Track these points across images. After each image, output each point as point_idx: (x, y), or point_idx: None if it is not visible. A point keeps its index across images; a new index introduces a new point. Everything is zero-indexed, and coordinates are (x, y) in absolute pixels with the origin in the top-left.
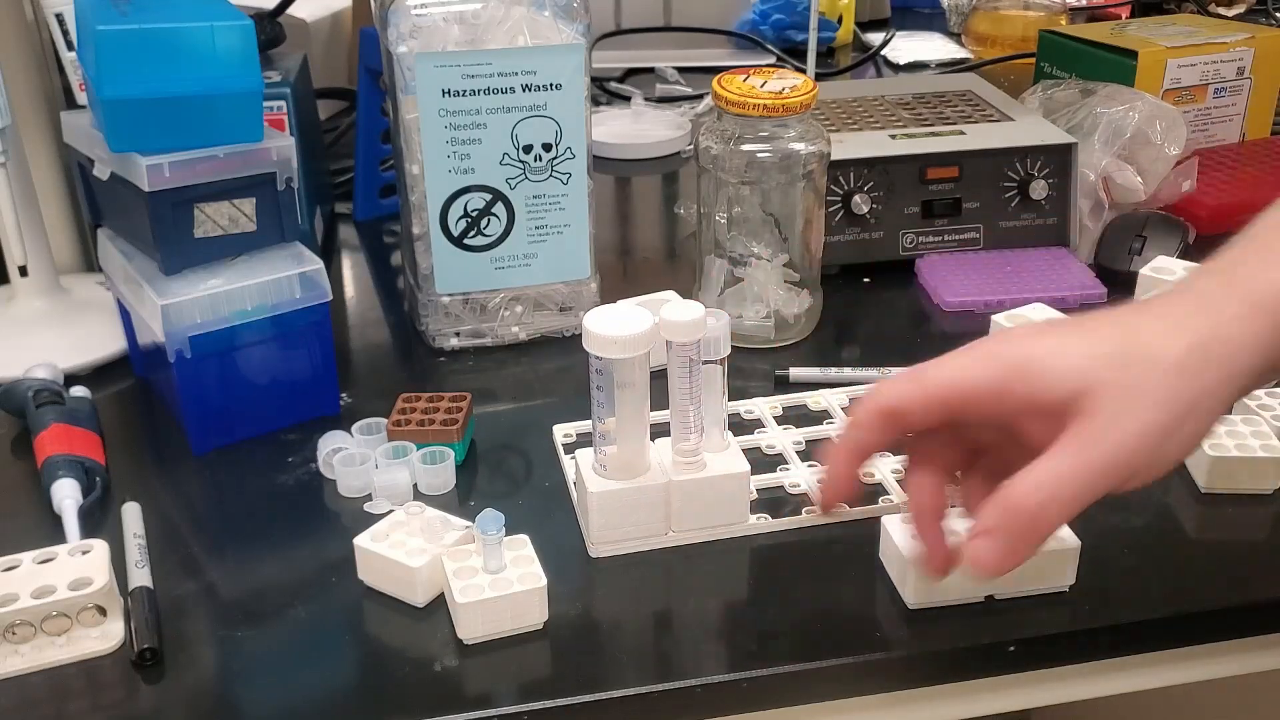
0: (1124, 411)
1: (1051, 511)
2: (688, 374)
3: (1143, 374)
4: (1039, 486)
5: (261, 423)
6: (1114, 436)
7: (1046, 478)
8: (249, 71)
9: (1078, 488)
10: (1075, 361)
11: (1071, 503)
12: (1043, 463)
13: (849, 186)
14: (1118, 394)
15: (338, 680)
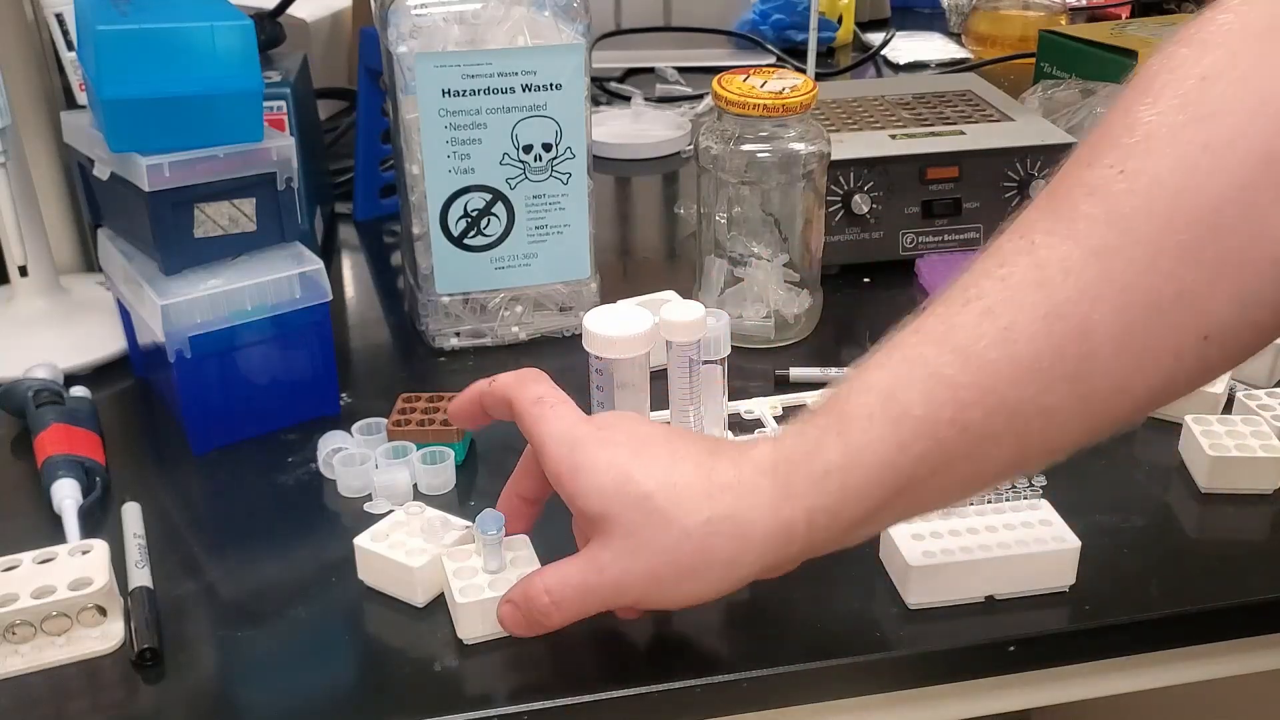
0: (629, 553)
1: (554, 613)
2: (688, 374)
3: (656, 527)
4: (549, 589)
5: (261, 423)
6: (615, 571)
7: (556, 583)
8: (249, 71)
9: (581, 601)
10: (608, 486)
11: (571, 611)
12: (562, 567)
13: (849, 186)
14: (629, 536)
15: (338, 680)
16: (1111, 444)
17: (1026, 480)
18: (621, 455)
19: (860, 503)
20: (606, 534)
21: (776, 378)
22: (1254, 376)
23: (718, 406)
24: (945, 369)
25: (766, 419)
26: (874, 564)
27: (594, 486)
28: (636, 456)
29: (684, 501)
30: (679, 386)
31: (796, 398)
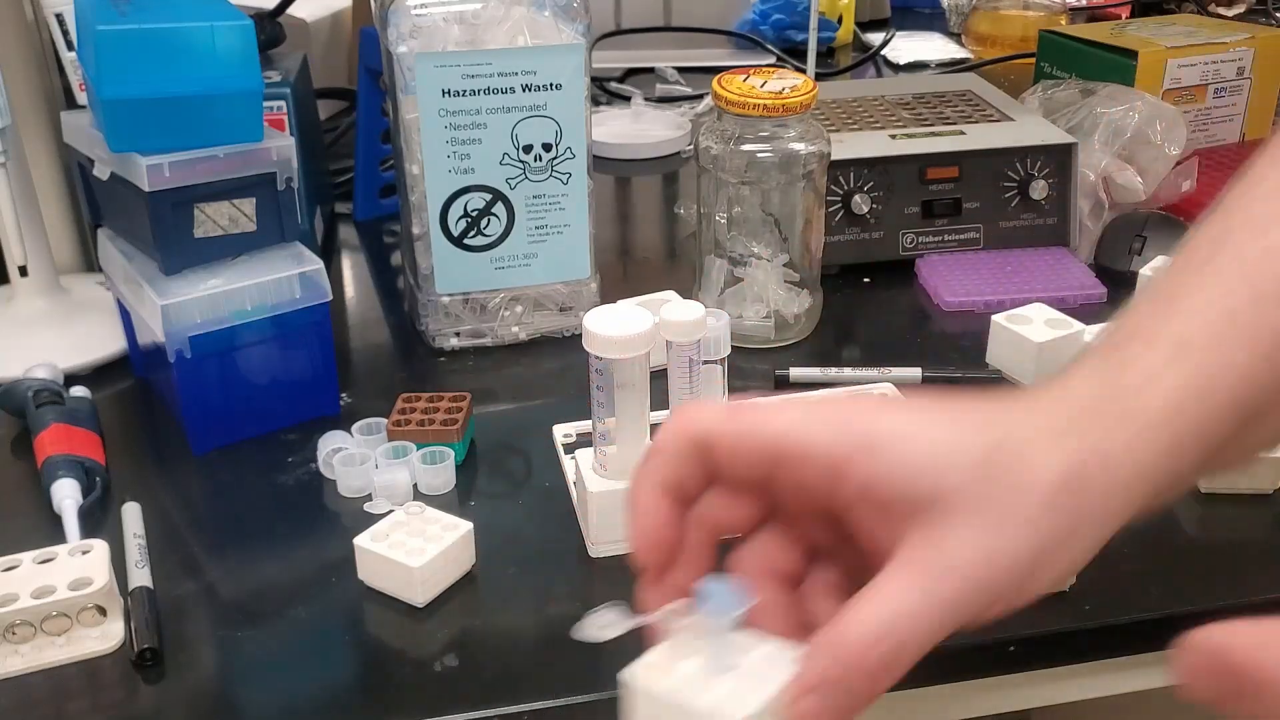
0: (982, 534)
1: (891, 659)
2: (688, 374)
3: (1009, 492)
4: (880, 634)
5: (261, 423)
6: (971, 567)
7: (885, 615)
8: (249, 71)
9: (927, 630)
10: (934, 454)
11: (918, 647)
12: (880, 593)
13: (849, 186)
14: (977, 511)
15: (338, 680)
16: None
17: None
18: (927, 421)
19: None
20: (934, 522)
21: (776, 378)
22: None
23: None
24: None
25: None
26: None
27: (910, 461)
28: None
29: (1030, 452)
30: (679, 386)
31: (796, 398)
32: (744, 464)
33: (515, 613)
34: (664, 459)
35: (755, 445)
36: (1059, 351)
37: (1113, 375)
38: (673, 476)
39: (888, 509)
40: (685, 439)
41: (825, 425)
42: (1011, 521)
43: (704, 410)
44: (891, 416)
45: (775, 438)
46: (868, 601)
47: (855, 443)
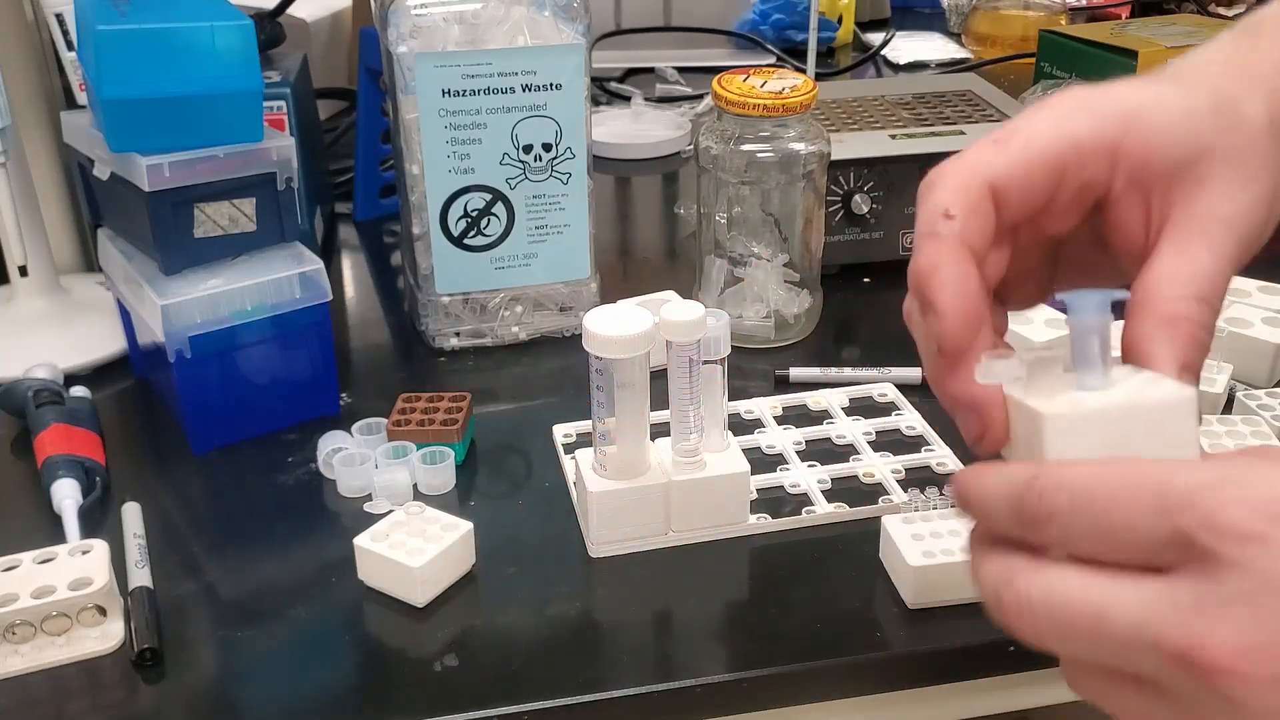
0: (1237, 181)
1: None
2: (688, 374)
3: (1245, 138)
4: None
5: (261, 423)
6: (1236, 212)
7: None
8: (249, 71)
9: (1224, 285)
10: (1183, 118)
11: (1219, 300)
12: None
13: (849, 186)
14: (1228, 160)
15: (337, 680)
16: None
17: None
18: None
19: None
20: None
21: (776, 378)
22: (1254, 376)
23: (718, 406)
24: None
25: (766, 419)
26: (874, 564)
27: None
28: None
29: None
30: (679, 386)
31: (796, 398)
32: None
33: (515, 613)
34: (962, 218)
35: (1043, 167)
36: None
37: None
38: (975, 234)
39: (1154, 183)
40: (978, 191)
41: (1086, 115)
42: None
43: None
44: (1132, 91)
45: (1049, 147)
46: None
47: (1119, 124)
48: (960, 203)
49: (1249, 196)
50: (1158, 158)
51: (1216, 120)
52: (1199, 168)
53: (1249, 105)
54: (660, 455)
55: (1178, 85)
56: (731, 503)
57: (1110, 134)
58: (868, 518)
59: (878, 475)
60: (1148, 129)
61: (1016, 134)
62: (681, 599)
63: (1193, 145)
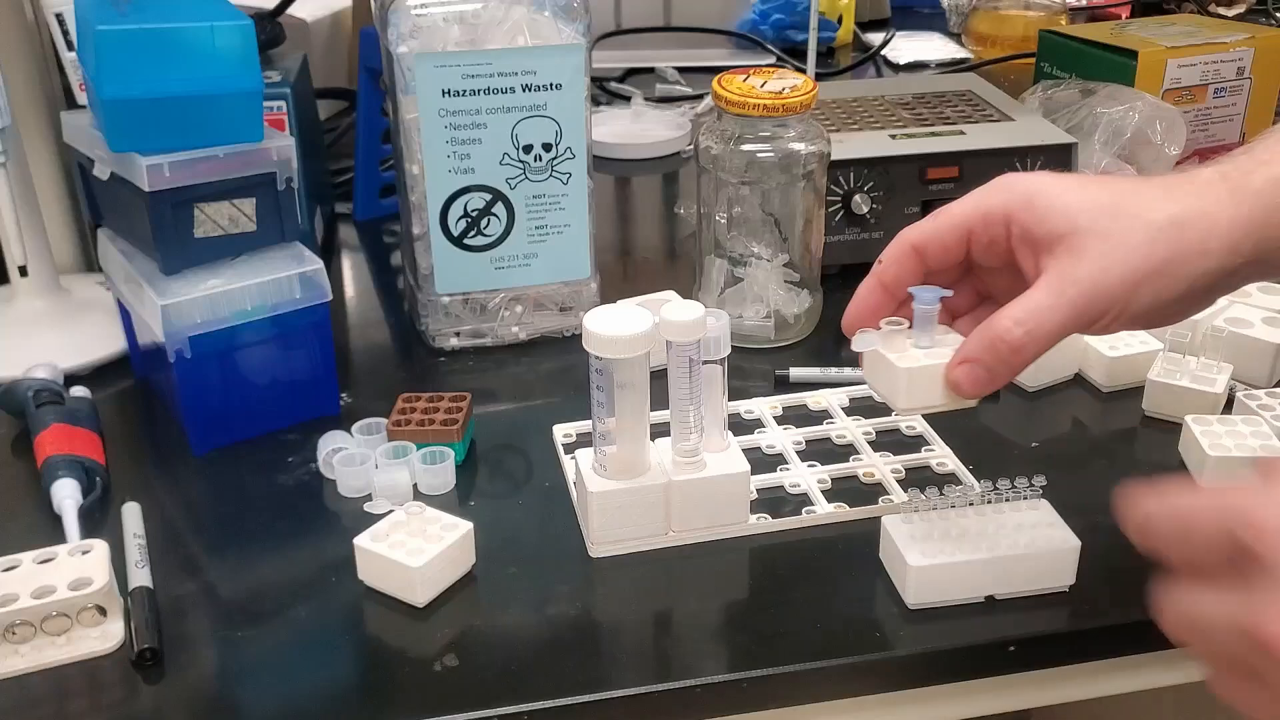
0: (1103, 257)
1: (1029, 345)
2: (688, 374)
3: (1127, 226)
4: (1019, 321)
5: (261, 423)
6: (1089, 280)
7: (1025, 313)
8: (249, 71)
9: (1054, 324)
10: (1073, 203)
11: (1046, 338)
12: (1024, 298)
13: (849, 186)
14: (1101, 240)
15: (338, 680)
16: (1111, 444)
17: (1027, 480)
18: (1071, 181)
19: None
20: (1076, 247)
21: (776, 378)
22: (1254, 376)
23: (718, 406)
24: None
25: (766, 419)
26: (874, 564)
27: (1055, 208)
28: (1085, 182)
29: (1149, 203)
30: (679, 386)
31: (796, 398)
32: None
33: (515, 613)
34: (885, 264)
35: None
36: (1059, 350)
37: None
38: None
39: (1039, 246)
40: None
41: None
42: (1124, 246)
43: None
44: (1043, 180)
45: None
46: (1014, 304)
47: (1020, 199)
48: (889, 255)
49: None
50: (1041, 228)
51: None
52: (1072, 240)
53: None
54: (660, 455)
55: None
56: (731, 503)
57: (1011, 206)
58: (868, 518)
59: (878, 475)
60: (1038, 207)
61: (945, 210)
62: (681, 599)
63: (1072, 224)
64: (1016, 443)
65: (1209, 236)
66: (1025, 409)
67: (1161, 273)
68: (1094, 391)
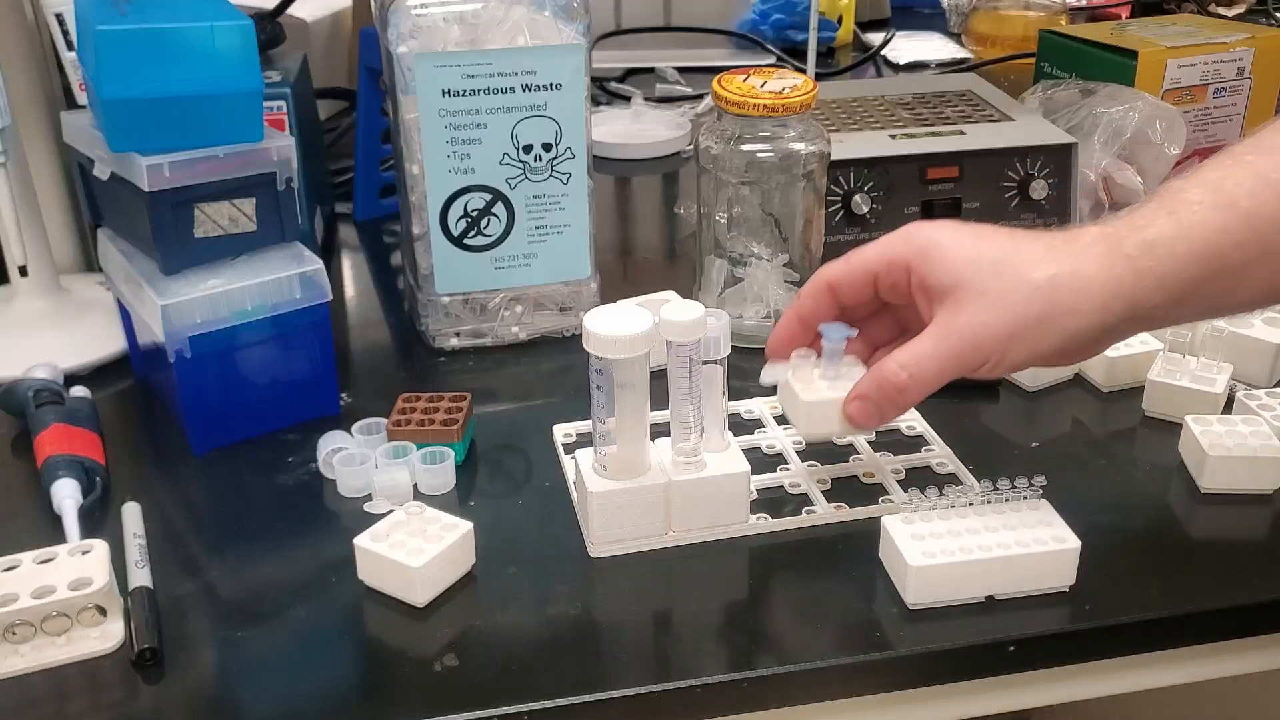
0: (982, 311)
1: (912, 387)
2: (688, 374)
3: (1006, 285)
4: (903, 366)
5: (261, 423)
6: (968, 330)
7: (909, 359)
8: (249, 71)
9: (935, 369)
10: (961, 258)
11: (929, 381)
12: (911, 345)
13: (849, 186)
14: (981, 295)
15: (338, 680)
16: (1111, 444)
17: (1027, 480)
18: (964, 236)
19: (1183, 272)
20: (957, 300)
21: None
22: (1254, 376)
23: (718, 406)
24: (1272, 173)
25: (766, 419)
26: (874, 564)
27: (944, 261)
28: (977, 234)
29: (1030, 262)
30: (679, 386)
31: None
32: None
33: (515, 613)
34: (803, 299)
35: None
36: None
37: (1110, 226)
38: (805, 309)
39: (931, 294)
40: (818, 286)
41: (900, 242)
42: (1002, 302)
43: (828, 266)
44: (941, 233)
45: (871, 260)
46: (903, 348)
47: (917, 250)
48: (806, 292)
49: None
50: (932, 279)
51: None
52: (957, 293)
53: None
54: (660, 455)
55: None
56: (731, 503)
57: (910, 256)
58: (868, 518)
59: (878, 475)
60: (931, 259)
61: (858, 252)
62: (681, 599)
63: (958, 279)
64: (1016, 443)
65: (1081, 298)
66: (1025, 409)
67: (1035, 328)
68: (1094, 391)
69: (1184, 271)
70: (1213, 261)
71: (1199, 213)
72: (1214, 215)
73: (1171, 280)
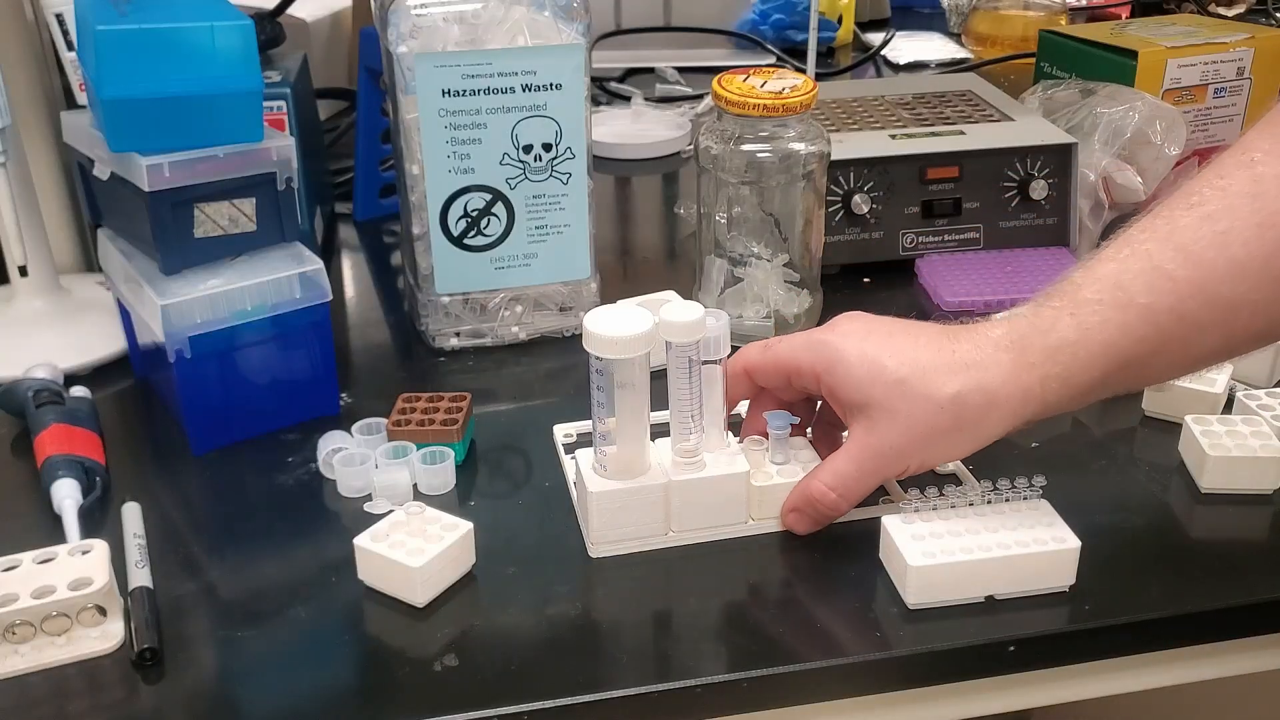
0: (891, 430)
1: (841, 503)
2: (688, 374)
3: (912, 406)
4: (831, 487)
5: (261, 423)
6: (884, 446)
7: (834, 480)
8: (249, 71)
9: (860, 483)
10: (866, 378)
11: (854, 493)
12: (831, 462)
13: (849, 186)
14: (890, 416)
15: (338, 680)
16: (1111, 444)
17: (1026, 480)
18: (870, 347)
19: (1087, 373)
20: (869, 418)
21: None
22: (1254, 376)
23: (718, 406)
24: (1167, 264)
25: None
26: (874, 564)
27: (850, 379)
28: (884, 346)
29: (933, 379)
30: (679, 386)
31: None
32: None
33: (515, 613)
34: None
35: (773, 368)
36: None
37: (1018, 325)
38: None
39: (841, 406)
40: (737, 371)
41: (812, 351)
42: (910, 420)
43: (747, 350)
44: (851, 345)
45: (781, 360)
46: (821, 469)
47: (824, 364)
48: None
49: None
50: (841, 395)
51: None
52: (868, 409)
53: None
54: (660, 455)
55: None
56: (731, 503)
57: (818, 368)
58: (868, 518)
59: None
60: (838, 375)
61: (776, 344)
62: (681, 599)
63: (866, 397)
64: (1016, 443)
65: (989, 408)
66: None
67: (947, 437)
68: None
69: (1088, 371)
70: (1116, 358)
71: (1099, 312)
72: (1114, 314)
73: (1077, 380)
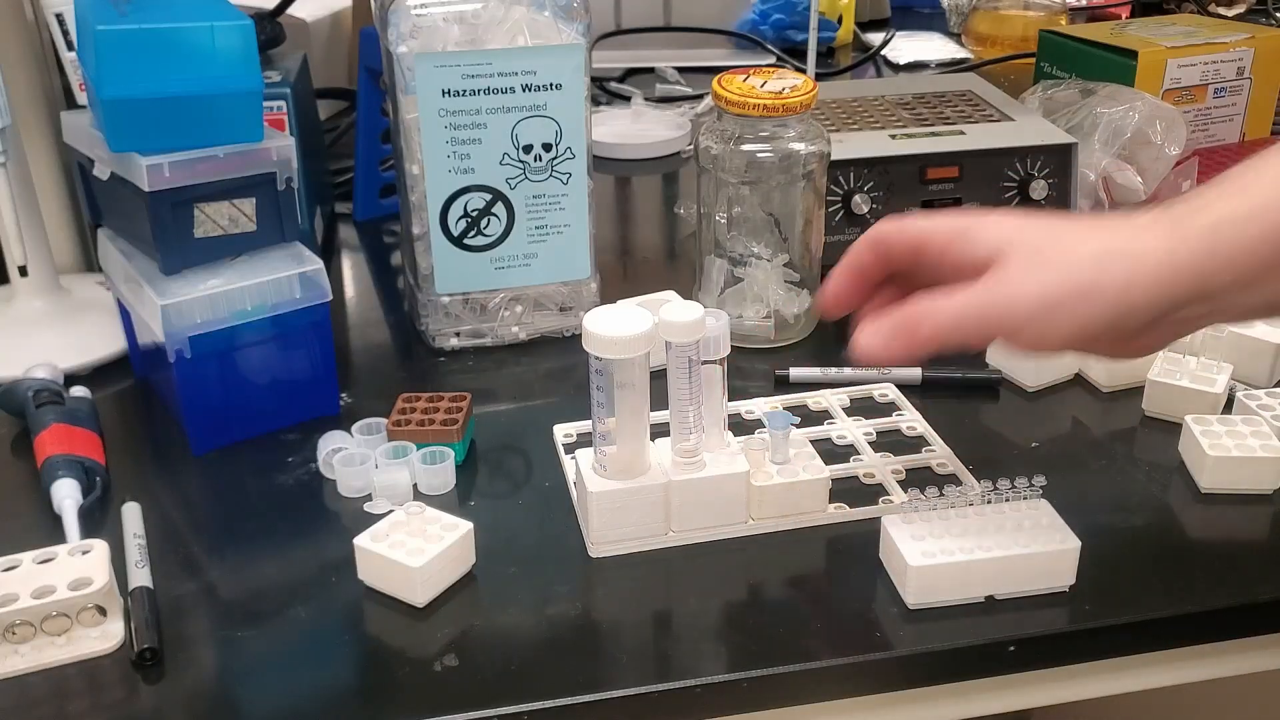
0: (1026, 270)
1: (928, 324)
2: (688, 374)
3: (1051, 254)
4: (931, 306)
5: (261, 423)
6: (1009, 288)
7: (940, 302)
8: (249, 71)
9: (961, 318)
10: (1005, 231)
11: (950, 328)
12: (945, 292)
13: (849, 186)
14: (1026, 256)
15: (338, 680)
16: (1111, 444)
17: (1026, 480)
18: (1006, 218)
19: (1251, 256)
20: (1003, 261)
21: (776, 378)
22: (1254, 376)
23: (718, 406)
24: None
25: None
26: (874, 564)
27: (986, 235)
28: (1020, 218)
29: (1078, 238)
30: (679, 386)
31: (796, 398)
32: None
33: (515, 613)
34: (855, 251)
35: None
36: None
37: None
38: (856, 261)
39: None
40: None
41: (945, 222)
42: (1044, 267)
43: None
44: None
45: (917, 230)
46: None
47: (960, 227)
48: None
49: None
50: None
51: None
52: (999, 259)
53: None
54: (660, 455)
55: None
56: (731, 503)
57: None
58: (868, 518)
59: (878, 475)
60: (972, 233)
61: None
62: (681, 599)
63: (998, 250)
64: (1016, 443)
65: (1135, 271)
66: (1025, 409)
67: (1082, 299)
68: (1094, 391)
69: (1253, 256)
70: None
71: (1270, 190)
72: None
73: (1243, 262)
